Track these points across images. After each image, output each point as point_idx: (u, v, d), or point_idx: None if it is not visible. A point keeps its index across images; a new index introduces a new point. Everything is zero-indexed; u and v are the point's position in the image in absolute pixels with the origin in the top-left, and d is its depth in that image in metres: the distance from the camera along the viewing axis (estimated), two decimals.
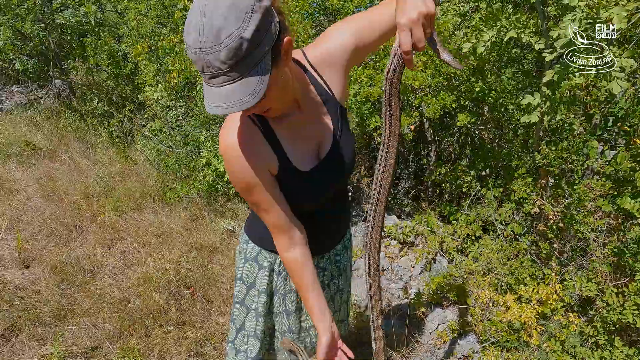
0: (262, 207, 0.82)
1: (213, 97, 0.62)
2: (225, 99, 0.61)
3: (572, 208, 1.70)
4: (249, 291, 1.02)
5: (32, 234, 2.60)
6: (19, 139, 4.11)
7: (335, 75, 0.86)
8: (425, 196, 3.43)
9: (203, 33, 0.58)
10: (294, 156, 0.82)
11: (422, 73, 2.35)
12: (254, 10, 0.59)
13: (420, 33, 0.62)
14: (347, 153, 0.90)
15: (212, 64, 0.59)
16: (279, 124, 0.81)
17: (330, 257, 1.06)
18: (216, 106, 0.62)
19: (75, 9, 4.20)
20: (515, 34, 1.64)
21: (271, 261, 0.99)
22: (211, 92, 0.62)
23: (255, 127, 0.79)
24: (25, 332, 1.80)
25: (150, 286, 2.11)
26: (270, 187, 0.81)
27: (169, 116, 3.53)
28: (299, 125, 0.83)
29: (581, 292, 1.66)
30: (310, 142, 0.86)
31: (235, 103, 0.61)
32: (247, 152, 0.76)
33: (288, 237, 0.85)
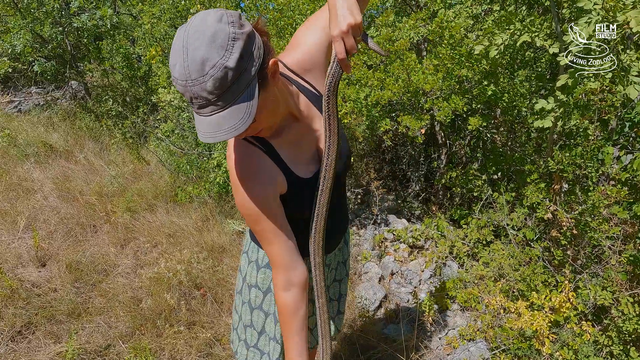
0: (268, 237, 0.81)
1: (204, 126, 0.63)
2: (216, 127, 0.62)
3: (586, 215, 1.67)
4: (265, 296, 1.02)
5: (49, 232, 2.66)
6: (36, 139, 4.22)
7: (319, 74, 0.88)
8: (435, 199, 3.40)
9: (187, 65, 0.58)
10: (296, 167, 0.83)
11: (433, 76, 2.34)
12: (235, 38, 0.59)
13: (351, 41, 0.68)
14: (343, 148, 0.92)
15: (199, 94, 0.60)
16: (277, 139, 0.81)
17: (335, 253, 1.09)
18: (208, 135, 0.62)
19: (92, 13, 4.29)
20: (529, 38, 1.62)
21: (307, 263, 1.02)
22: (202, 121, 0.63)
23: (257, 149, 0.79)
24: (41, 330, 1.84)
25: (162, 286, 2.14)
26: (278, 218, 0.81)
27: (181, 118, 3.58)
28: (298, 135, 0.84)
29: (596, 300, 1.63)
30: (311, 149, 0.87)
31: (226, 131, 0.62)
32: (258, 181, 0.77)
33: (287, 276, 0.83)
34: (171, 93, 3.51)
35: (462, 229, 2.59)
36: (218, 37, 0.59)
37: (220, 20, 0.60)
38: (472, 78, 2.40)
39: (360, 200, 3.34)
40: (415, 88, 2.39)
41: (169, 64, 0.62)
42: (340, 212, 1.03)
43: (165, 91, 3.55)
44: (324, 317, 0.91)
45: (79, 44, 5.05)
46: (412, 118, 2.38)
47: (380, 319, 2.17)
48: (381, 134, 2.72)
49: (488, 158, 2.84)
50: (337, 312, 1.19)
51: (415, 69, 2.40)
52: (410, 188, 3.55)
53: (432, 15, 2.67)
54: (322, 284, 0.90)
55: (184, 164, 3.24)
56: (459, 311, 2.24)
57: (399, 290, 2.41)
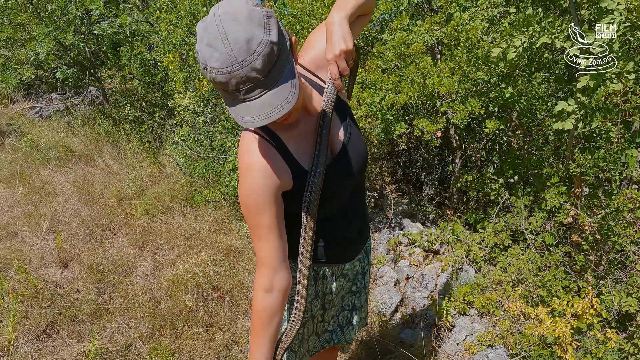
0: (261, 233, 0.80)
1: (251, 112, 0.63)
2: (268, 107, 0.62)
3: (609, 219, 1.64)
4: None
5: (70, 234, 2.73)
6: (57, 143, 4.35)
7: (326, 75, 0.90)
8: (450, 203, 3.37)
9: (231, 50, 0.58)
10: (304, 160, 0.83)
11: (448, 79, 2.33)
12: (268, 15, 0.61)
13: (343, 64, 0.75)
14: (358, 147, 0.91)
15: (248, 76, 0.59)
16: (289, 134, 0.82)
17: (354, 263, 1.07)
18: (257, 118, 0.63)
19: (112, 20, 4.42)
20: (548, 40, 1.61)
21: (294, 271, 0.99)
22: (248, 107, 0.63)
23: (268, 143, 0.80)
24: (65, 329, 1.89)
25: (180, 288, 2.17)
26: (276, 216, 0.80)
27: (197, 122, 3.64)
28: (307, 129, 0.85)
29: (620, 307, 1.59)
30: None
31: (279, 107, 0.63)
32: (264, 173, 0.78)
33: (272, 278, 0.81)
34: (187, 98, 3.58)
35: (479, 233, 2.56)
36: (254, 16, 0.59)
37: (247, 2, 0.61)
38: (489, 81, 2.38)
39: (374, 204, 3.33)
40: (430, 91, 2.38)
41: (199, 62, 0.62)
42: (359, 219, 1.00)
43: (181, 96, 3.62)
44: (292, 333, 0.88)
45: (98, 51, 5.20)
46: (428, 121, 2.38)
47: (397, 324, 2.16)
48: (396, 137, 2.72)
49: (504, 161, 2.81)
50: (348, 322, 1.15)
51: (431, 72, 2.40)
52: (425, 192, 3.52)
53: (447, 18, 2.67)
54: (303, 298, 0.86)
55: (200, 167, 3.30)
56: (476, 316, 2.21)
57: (414, 294, 2.39)
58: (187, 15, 3.56)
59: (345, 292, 1.11)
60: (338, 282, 1.05)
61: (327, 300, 1.07)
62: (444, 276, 2.53)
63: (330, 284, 1.04)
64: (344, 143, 0.89)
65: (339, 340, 1.14)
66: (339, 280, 1.05)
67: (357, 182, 0.96)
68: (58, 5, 4.20)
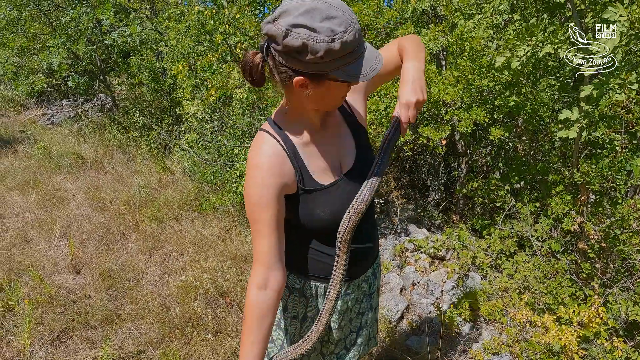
0: (261, 229, 0.81)
1: (365, 65, 0.72)
2: (370, 61, 0.73)
3: (615, 227, 1.64)
4: (283, 314, 1.04)
5: (82, 241, 2.80)
6: (68, 150, 4.45)
7: (357, 99, 0.96)
8: (455, 209, 3.37)
9: (343, 12, 0.67)
10: (315, 172, 0.86)
11: (453, 87, 2.35)
12: None
13: (414, 113, 0.80)
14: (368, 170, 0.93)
15: (359, 29, 0.70)
16: (303, 142, 0.86)
17: (359, 283, 1.05)
18: (370, 70, 0.72)
19: (122, 30, 4.51)
20: (551, 49, 1.62)
21: (300, 285, 1.00)
22: (366, 60, 0.73)
23: (280, 146, 0.84)
24: (78, 335, 1.94)
25: (189, 294, 2.21)
26: (277, 215, 0.82)
27: (205, 129, 3.70)
28: (324, 141, 0.88)
29: (627, 315, 1.59)
30: (332, 158, 0.90)
31: (374, 62, 0.73)
32: (272, 172, 0.81)
33: (267, 275, 0.82)
34: (195, 105, 3.64)
35: (485, 240, 2.56)
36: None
37: None
38: (494, 88, 2.40)
39: (380, 210, 3.35)
40: (435, 99, 2.40)
41: (322, 46, 0.66)
42: (364, 236, 0.98)
43: (189, 103, 3.69)
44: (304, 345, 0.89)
45: (108, 59, 5.31)
46: (433, 129, 2.40)
47: (403, 331, 2.17)
48: (401, 144, 2.74)
49: (510, 167, 2.81)
50: (353, 343, 1.14)
51: (435, 80, 2.42)
52: (430, 197, 3.53)
53: (451, 27, 2.69)
54: (324, 321, 0.88)
55: (208, 174, 3.35)
56: (483, 324, 2.21)
57: (420, 301, 2.40)
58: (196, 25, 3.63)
59: (353, 315, 1.10)
60: (343, 301, 1.03)
61: (332, 319, 1.05)
62: (450, 283, 2.54)
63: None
64: (356, 162, 0.92)
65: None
66: (343, 299, 1.03)
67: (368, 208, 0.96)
68: (71, 17, 4.32)
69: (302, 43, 0.66)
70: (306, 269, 0.98)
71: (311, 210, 0.86)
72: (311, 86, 0.75)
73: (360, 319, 1.12)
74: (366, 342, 1.16)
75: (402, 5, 3.07)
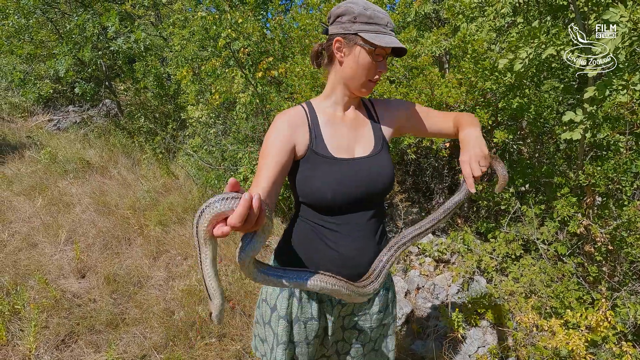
0: (266, 162, 0.88)
1: (391, 40, 0.88)
2: (398, 43, 0.89)
3: (622, 230, 1.62)
4: (272, 314, 1.02)
5: (87, 245, 2.81)
6: (74, 155, 4.49)
7: (387, 117, 1.05)
8: (460, 212, 3.36)
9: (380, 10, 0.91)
10: (330, 143, 0.95)
11: (456, 90, 2.35)
12: None
13: (476, 166, 0.89)
14: (380, 172, 0.97)
15: (392, 26, 0.92)
16: (325, 119, 0.98)
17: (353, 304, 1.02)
18: (392, 42, 0.88)
19: (127, 36, 4.57)
20: (554, 51, 1.62)
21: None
22: (391, 38, 0.89)
23: (304, 113, 0.97)
24: (83, 339, 1.95)
25: (193, 299, 2.22)
26: (282, 164, 0.89)
27: (209, 133, 3.72)
28: (342, 125, 0.99)
29: (635, 319, 1.57)
30: (346, 142, 0.98)
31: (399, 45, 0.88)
32: (289, 124, 0.93)
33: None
34: (199, 110, 3.67)
35: (490, 243, 2.54)
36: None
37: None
38: (497, 90, 2.39)
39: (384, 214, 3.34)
40: (439, 102, 2.40)
41: (357, 3, 0.90)
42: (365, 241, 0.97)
43: (193, 108, 3.72)
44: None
45: (114, 65, 5.37)
46: None
47: (408, 335, 2.15)
48: (405, 147, 2.74)
49: (515, 170, 2.79)
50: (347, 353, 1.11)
51: (439, 83, 2.42)
52: (434, 200, 3.51)
53: (454, 29, 2.69)
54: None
55: (212, 178, 3.36)
56: (488, 328, 2.19)
57: (425, 305, 2.38)
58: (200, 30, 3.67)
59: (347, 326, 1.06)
60: (333, 314, 1.01)
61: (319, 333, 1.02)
62: (455, 286, 2.52)
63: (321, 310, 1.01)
64: (369, 157, 0.97)
65: None
66: (334, 311, 1.01)
67: (365, 197, 0.95)
68: (77, 25, 4.38)
69: (344, 8, 0.90)
70: (298, 267, 0.97)
71: (310, 175, 0.91)
72: (345, 48, 0.91)
73: (357, 334, 1.08)
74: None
75: (404, 9, 3.08)
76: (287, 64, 2.70)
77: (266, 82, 2.56)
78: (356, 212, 0.95)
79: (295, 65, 2.47)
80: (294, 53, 2.99)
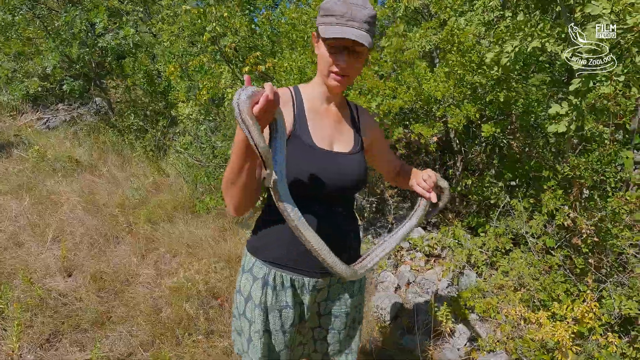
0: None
1: (345, 32, 0.85)
2: (352, 34, 0.85)
3: (607, 221, 1.62)
4: (247, 303, 1.00)
5: (74, 244, 2.78)
6: (63, 154, 4.43)
7: (367, 128, 1.08)
8: (452, 207, 3.36)
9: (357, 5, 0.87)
10: (312, 131, 0.95)
11: (444, 84, 2.34)
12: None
13: (427, 179, 1.01)
14: (355, 170, 0.99)
15: (355, 17, 0.86)
16: (310, 106, 0.98)
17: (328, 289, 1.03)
18: (341, 33, 0.85)
19: (115, 33, 4.51)
20: (539, 44, 1.61)
21: (265, 273, 0.97)
22: (345, 30, 0.86)
23: (290, 94, 0.98)
24: (68, 338, 1.92)
25: (181, 296, 2.19)
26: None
27: (199, 130, 3.68)
28: (324, 116, 0.99)
29: (621, 310, 1.57)
30: (327, 133, 0.98)
31: (357, 37, 0.85)
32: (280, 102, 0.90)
33: None
34: (189, 107, 3.63)
35: (480, 237, 2.54)
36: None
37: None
38: (486, 84, 2.39)
39: (375, 209, 3.33)
40: (427, 96, 2.39)
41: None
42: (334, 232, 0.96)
43: (184, 105, 3.68)
44: None
45: (103, 62, 5.31)
46: (424, 126, 2.39)
47: (397, 329, 2.15)
48: (394, 142, 2.73)
49: (504, 165, 2.80)
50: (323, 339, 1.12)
51: (427, 77, 2.41)
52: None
53: (442, 23, 2.68)
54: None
55: (202, 175, 3.33)
56: (477, 321, 2.19)
57: (415, 299, 2.38)
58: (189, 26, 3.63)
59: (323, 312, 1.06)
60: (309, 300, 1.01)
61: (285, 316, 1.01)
62: (445, 281, 2.52)
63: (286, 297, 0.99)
64: (344, 152, 0.99)
65: None
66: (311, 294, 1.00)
67: (339, 191, 0.96)
68: (65, 21, 4.31)
69: (323, 2, 0.90)
70: (271, 255, 0.97)
71: (289, 159, 0.88)
72: (315, 41, 0.93)
73: (333, 320, 1.08)
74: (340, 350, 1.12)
75: (394, 4, 3.06)
76: (275, 59, 2.68)
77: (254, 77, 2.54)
78: (328, 204, 0.96)
79: (283, 60, 2.45)
80: (282, 48, 2.97)
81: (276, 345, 1.00)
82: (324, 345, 1.12)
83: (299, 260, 0.95)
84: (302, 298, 1.01)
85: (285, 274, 0.97)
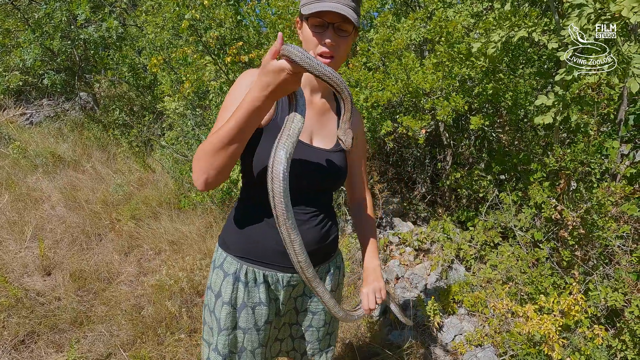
0: (225, 116, 0.85)
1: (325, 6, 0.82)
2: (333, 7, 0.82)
3: (593, 213, 1.61)
4: (216, 300, 0.95)
5: (55, 241, 2.69)
6: (45, 150, 4.31)
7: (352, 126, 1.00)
8: (441, 201, 3.34)
9: None
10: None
11: (432, 75, 2.30)
12: None
13: (373, 299, 0.97)
14: (332, 168, 0.94)
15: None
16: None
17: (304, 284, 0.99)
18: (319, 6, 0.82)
19: (98, 25, 4.38)
20: (525, 33, 1.58)
21: (236, 269, 0.93)
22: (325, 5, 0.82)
23: None
24: (44, 338, 1.85)
25: (164, 294, 2.14)
26: None
27: (185, 125, 3.60)
28: (309, 106, 0.95)
29: (607, 302, 1.56)
30: (310, 126, 0.95)
31: (340, 9, 0.81)
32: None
33: None
34: (176, 101, 3.54)
35: (469, 231, 2.53)
36: None
37: None
38: (475, 77, 2.36)
39: None
40: (415, 88, 2.35)
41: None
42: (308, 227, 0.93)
43: (170, 99, 3.59)
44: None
45: (87, 55, 5.17)
46: (412, 118, 2.35)
47: (385, 325, 2.12)
48: (382, 135, 2.69)
49: (493, 158, 2.78)
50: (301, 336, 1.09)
51: (415, 69, 2.37)
52: (416, 190, 3.49)
53: (430, 14, 2.64)
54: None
55: (188, 170, 3.26)
56: (465, 315, 2.18)
57: (404, 294, 2.36)
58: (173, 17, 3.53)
59: (299, 307, 1.03)
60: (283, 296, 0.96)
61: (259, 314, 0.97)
62: (434, 275, 2.50)
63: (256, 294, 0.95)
64: (325, 149, 0.94)
65: None
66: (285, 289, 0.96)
67: (316, 187, 0.93)
68: (45, 13, 4.17)
69: None
70: (243, 250, 0.92)
71: (263, 149, 0.86)
72: (299, 27, 0.91)
73: (311, 318, 1.05)
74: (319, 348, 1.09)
75: None
76: (261, 51, 2.61)
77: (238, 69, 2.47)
78: (304, 198, 0.92)
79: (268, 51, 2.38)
80: (269, 40, 2.90)
81: (249, 342, 0.96)
82: (302, 344, 1.08)
83: (273, 255, 0.91)
84: (276, 294, 0.96)
85: (258, 270, 0.92)
